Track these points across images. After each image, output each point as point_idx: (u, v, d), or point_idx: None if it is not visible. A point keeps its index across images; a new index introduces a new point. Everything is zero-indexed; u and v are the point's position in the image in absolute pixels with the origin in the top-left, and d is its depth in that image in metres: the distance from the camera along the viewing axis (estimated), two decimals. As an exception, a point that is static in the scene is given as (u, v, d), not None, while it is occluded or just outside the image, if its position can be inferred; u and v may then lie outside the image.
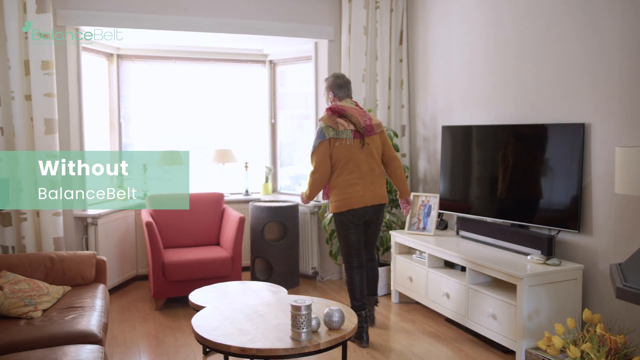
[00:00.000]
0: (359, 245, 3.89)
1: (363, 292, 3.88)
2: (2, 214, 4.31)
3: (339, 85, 3.96)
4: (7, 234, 4.32)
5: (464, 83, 4.60)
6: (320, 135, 3.77)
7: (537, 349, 3.28)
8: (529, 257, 3.61)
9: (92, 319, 3.10)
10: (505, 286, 3.70)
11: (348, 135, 3.76)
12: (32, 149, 4.34)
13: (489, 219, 4.17)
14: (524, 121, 3.95)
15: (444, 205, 4.57)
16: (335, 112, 3.82)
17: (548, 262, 3.49)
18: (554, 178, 3.67)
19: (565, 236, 3.65)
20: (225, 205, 5.29)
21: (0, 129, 4.24)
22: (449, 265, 4.28)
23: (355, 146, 3.77)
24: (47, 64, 4.30)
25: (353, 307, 3.80)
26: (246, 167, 5.80)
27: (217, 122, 5.91)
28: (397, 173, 4.02)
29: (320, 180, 3.80)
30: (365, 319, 3.83)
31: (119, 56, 5.50)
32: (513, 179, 3.95)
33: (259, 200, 5.53)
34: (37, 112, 4.29)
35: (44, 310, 3.24)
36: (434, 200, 4.61)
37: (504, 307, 3.48)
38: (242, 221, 4.72)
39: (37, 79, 4.27)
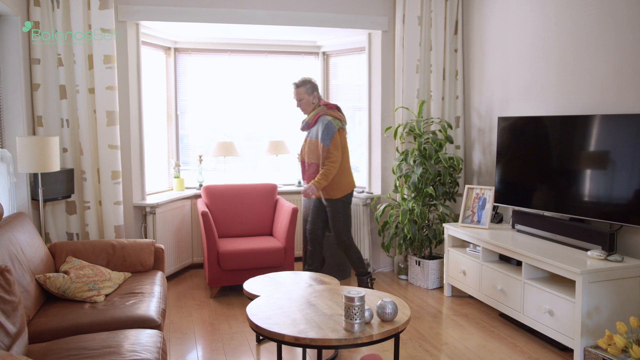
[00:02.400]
0: None
1: None
2: (67, 202, 4.51)
3: (318, 88, 4.56)
4: (72, 222, 4.52)
5: (522, 73, 4.48)
6: (332, 127, 4.33)
7: (597, 347, 3.18)
8: (588, 252, 3.50)
9: (151, 305, 3.21)
10: (562, 282, 3.61)
11: (345, 126, 4.51)
12: (95, 140, 4.52)
13: (546, 213, 4.06)
14: (585, 112, 3.81)
15: (499, 198, 4.48)
16: (333, 107, 4.49)
17: (609, 258, 3.38)
18: (615, 171, 3.53)
19: (628, 231, 3.52)
20: (278, 196, 5.36)
21: (66, 121, 4.43)
22: (503, 259, 4.20)
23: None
24: (109, 58, 4.45)
25: (365, 274, 4.59)
26: (299, 158, 5.84)
27: (271, 113, 5.98)
28: None
29: (336, 168, 4.36)
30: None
31: (176, 49, 5.63)
32: (572, 171, 3.83)
33: (311, 192, 5.56)
34: (99, 105, 4.46)
35: (107, 295, 3.37)
36: (488, 193, 4.52)
37: (562, 303, 3.39)
38: (294, 212, 4.77)
39: (100, 73, 4.43)
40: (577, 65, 3.91)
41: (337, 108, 4.53)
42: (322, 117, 4.41)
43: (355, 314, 2.66)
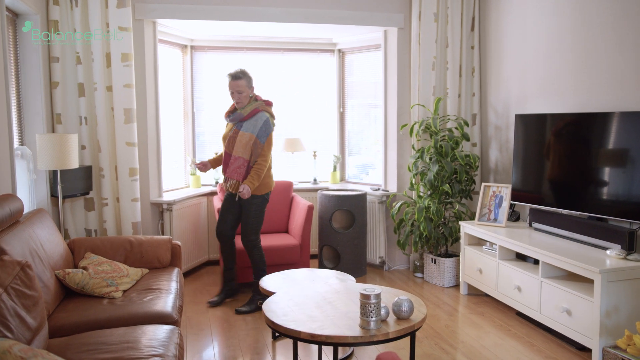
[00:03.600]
0: None
1: None
2: (86, 199, 4.56)
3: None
4: (91, 218, 4.57)
5: (539, 70, 4.44)
6: (270, 125, 4.26)
7: (616, 347, 3.15)
8: (607, 251, 3.46)
9: (168, 301, 3.23)
10: (580, 281, 3.57)
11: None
12: (112, 137, 4.56)
13: (564, 211, 4.02)
14: (603, 109, 3.77)
15: (516, 196, 4.45)
16: (270, 104, 4.37)
17: (629, 257, 3.34)
18: (635, 168, 3.48)
19: (648, 230, 3.48)
20: (294, 194, 5.37)
21: (84, 118, 4.48)
22: (520, 257, 4.17)
23: None
24: (127, 56, 4.49)
25: (258, 291, 4.28)
26: (314, 156, 5.85)
27: (286, 111, 5.98)
28: None
29: (266, 168, 4.27)
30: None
31: (192, 47, 5.66)
32: (591, 169, 3.79)
33: (327, 189, 5.57)
34: (117, 102, 4.51)
35: (124, 291, 3.40)
36: (505, 191, 4.49)
37: (580, 302, 3.36)
38: (310, 209, 4.78)
39: (118, 71, 4.48)
40: (595, 61, 3.86)
41: (272, 105, 4.39)
42: (262, 112, 4.24)
43: (371, 312, 2.66)
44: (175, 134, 5.53)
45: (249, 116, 4.21)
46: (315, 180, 5.86)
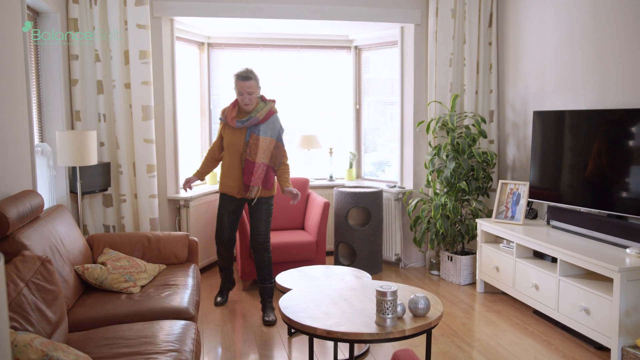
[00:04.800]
0: None
1: None
2: (104, 195, 4.61)
3: None
4: (109, 214, 4.62)
5: (558, 66, 4.39)
6: (282, 127, 4.12)
7: (635, 347, 3.11)
8: (627, 250, 3.42)
9: (185, 297, 3.26)
10: (599, 279, 3.53)
11: None
12: (130, 134, 4.60)
13: (583, 209, 3.98)
14: (624, 106, 3.72)
15: (533, 193, 4.41)
16: (274, 102, 4.16)
17: (649, 256, 3.30)
18: (657, 167, 3.44)
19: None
20: (310, 190, 5.38)
21: (103, 115, 4.52)
22: (538, 255, 4.13)
23: None
24: (145, 54, 4.52)
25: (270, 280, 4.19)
26: (331, 152, 5.85)
27: (303, 108, 5.99)
28: None
29: None
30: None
31: (209, 44, 5.69)
32: (610, 167, 3.74)
33: (343, 186, 5.57)
34: (135, 100, 4.54)
35: (142, 287, 3.44)
36: (523, 188, 4.46)
37: (599, 301, 3.32)
38: (326, 206, 4.78)
39: (136, 68, 4.51)
40: (615, 57, 3.81)
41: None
42: (275, 114, 4.08)
43: (387, 309, 2.66)
44: (192, 130, 5.56)
45: (265, 119, 4.02)
46: (331, 177, 5.86)
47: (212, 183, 5.54)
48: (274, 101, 4.15)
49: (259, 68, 5.77)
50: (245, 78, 3.99)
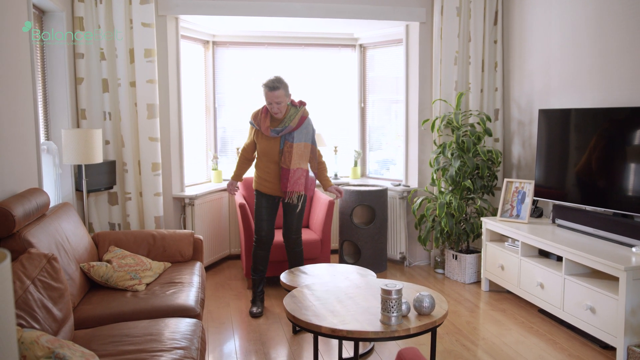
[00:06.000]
0: None
1: None
2: (109, 193, 4.63)
3: None
4: (114, 212, 4.64)
5: (563, 64, 4.38)
6: (314, 130, 4.16)
7: (641, 345, 3.10)
8: (633, 248, 3.41)
9: (190, 295, 3.26)
10: (605, 278, 3.52)
11: None
12: (135, 132, 4.62)
13: (588, 208, 3.97)
14: (630, 104, 3.70)
15: (539, 192, 4.39)
16: (305, 105, 4.17)
17: (655, 254, 3.28)
18: (663, 165, 3.42)
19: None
20: (315, 189, 5.37)
21: (108, 113, 4.54)
22: (543, 254, 4.13)
23: None
24: (150, 52, 4.53)
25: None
26: (335, 151, 5.85)
27: (308, 106, 5.97)
28: None
29: None
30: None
31: (214, 43, 5.70)
32: (616, 165, 3.73)
33: (347, 184, 5.57)
34: (140, 98, 4.55)
35: (147, 284, 3.45)
36: (528, 187, 4.44)
37: (604, 300, 3.31)
38: (331, 205, 4.78)
39: (141, 66, 4.52)
40: (621, 55, 3.80)
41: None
42: (308, 118, 4.11)
43: (392, 307, 2.66)
44: (197, 129, 5.57)
45: (299, 126, 4.04)
46: (336, 175, 5.86)
47: (216, 181, 5.55)
48: (304, 104, 4.14)
49: (264, 66, 5.80)
50: (273, 88, 3.94)
